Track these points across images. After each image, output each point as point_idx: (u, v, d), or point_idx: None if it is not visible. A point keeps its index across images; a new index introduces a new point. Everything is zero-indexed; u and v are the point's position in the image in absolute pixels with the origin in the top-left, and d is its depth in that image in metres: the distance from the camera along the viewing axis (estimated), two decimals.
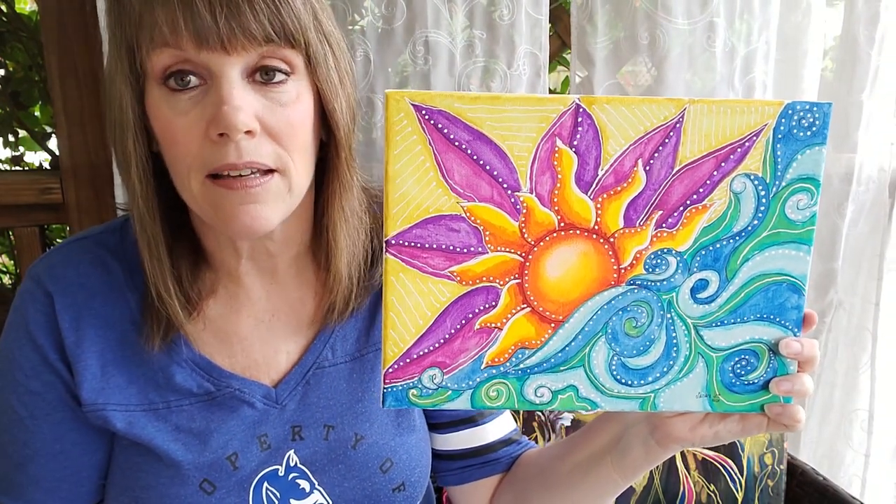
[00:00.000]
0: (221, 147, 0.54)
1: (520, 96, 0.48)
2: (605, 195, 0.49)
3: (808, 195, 0.50)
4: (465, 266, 0.50)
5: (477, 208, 0.49)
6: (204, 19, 0.52)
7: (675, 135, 0.49)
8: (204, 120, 0.55)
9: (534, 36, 1.11)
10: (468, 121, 0.47)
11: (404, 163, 0.48)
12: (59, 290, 0.63)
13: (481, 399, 0.53)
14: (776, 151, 0.49)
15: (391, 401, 0.52)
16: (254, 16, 0.53)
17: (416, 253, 0.50)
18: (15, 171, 1.42)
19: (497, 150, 0.48)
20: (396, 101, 0.47)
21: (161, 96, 0.56)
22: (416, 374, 0.52)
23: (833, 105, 0.50)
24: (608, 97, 0.48)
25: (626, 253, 0.51)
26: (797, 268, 0.51)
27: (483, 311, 0.51)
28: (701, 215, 0.50)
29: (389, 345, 0.51)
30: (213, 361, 0.66)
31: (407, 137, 0.47)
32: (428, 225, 0.49)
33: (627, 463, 0.61)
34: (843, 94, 1.29)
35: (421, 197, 0.48)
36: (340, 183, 0.63)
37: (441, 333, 0.51)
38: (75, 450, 0.66)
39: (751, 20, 1.16)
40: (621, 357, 0.52)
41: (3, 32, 1.30)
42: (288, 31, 0.55)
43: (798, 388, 0.53)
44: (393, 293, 0.50)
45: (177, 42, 0.53)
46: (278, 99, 0.56)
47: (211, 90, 0.55)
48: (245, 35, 0.53)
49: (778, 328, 0.52)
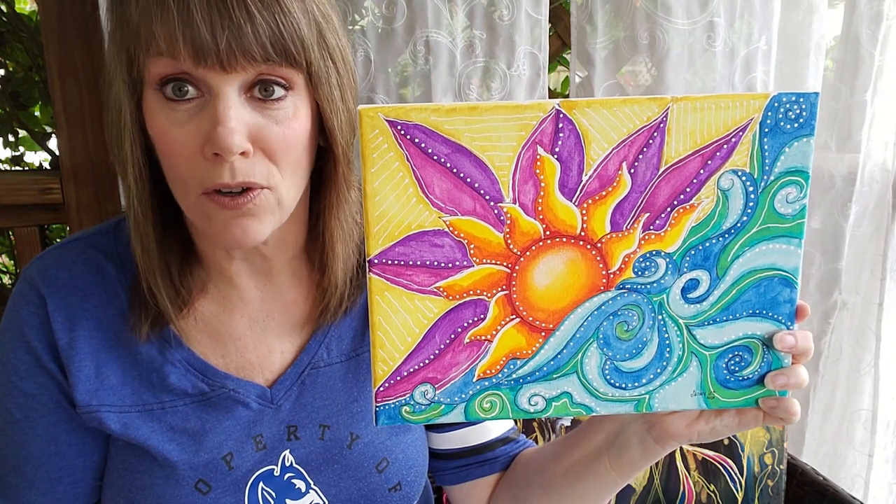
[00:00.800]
0: (217, 166, 0.54)
1: (498, 104, 0.46)
2: (591, 201, 0.48)
3: (798, 188, 0.49)
4: (451, 281, 0.49)
5: (460, 222, 0.48)
6: (203, 38, 0.51)
7: (659, 135, 0.47)
8: (199, 135, 0.54)
9: (534, 36, 1.10)
10: (446, 133, 0.46)
11: (382, 180, 0.46)
12: (53, 292, 0.63)
13: (475, 411, 0.52)
14: (763, 145, 0.48)
15: (384, 419, 0.51)
16: (255, 37, 0.52)
17: (400, 271, 0.48)
18: (15, 171, 1.41)
19: (477, 161, 0.47)
20: (370, 117, 0.45)
21: (157, 104, 0.55)
22: (407, 391, 0.51)
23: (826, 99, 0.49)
24: (588, 100, 0.46)
25: (615, 258, 0.50)
26: (788, 261, 0.51)
27: (472, 324, 0.50)
28: (689, 215, 0.49)
29: (379, 363, 0.50)
30: (207, 361, 0.66)
31: (384, 154, 0.46)
32: (410, 242, 0.48)
33: (625, 461, 0.61)
34: (845, 94, 1.27)
35: (402, 214, 0.47)
36: (337, 195, 0.63)
37: (431, 349, 0.50)
38: (70, 451, 0.66)
39: (751, 20, 1.14)
40: (614, 361, 0.52)
41: (3, 32, 1.29)
42: (289, 51, 0.54)
43: (794, 381, 0.52)
44: (379, 312, 0.49)
45: (174, 54, 0.52)
46: (275, 116, 0.55)
47: (208, 105, 0.54)
48: (245, 55, 0.52)
49: (771, 322, 0.52)
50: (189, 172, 0.55)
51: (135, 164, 0.57)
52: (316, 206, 0.65)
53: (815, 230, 1.35)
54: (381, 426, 0.56)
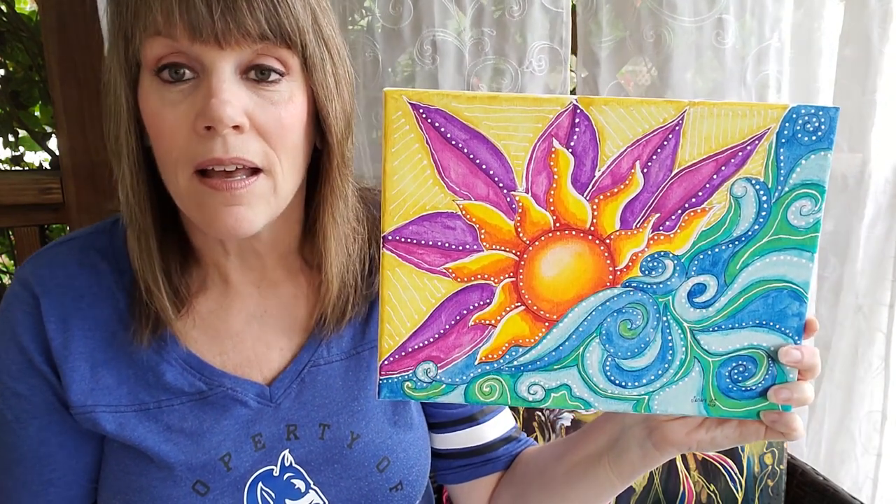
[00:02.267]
0: (208, 141, 0.54)
1: (517, 96, 0.48)
2: (602, 196, 0.49)
3: (812, 201, 0.49)
4: (461, 263, 0.51)
5: (473, 206, 0.50)
6: (199, 11, 0.52)
7: (674, 137, 0.48)
8: (193, 113, 0.54)
9: (553, 30, 1.10)
10: (465, 120, 0.48)
11: (402, 160, 0.49)
12: (46, 293, 0.63)
13: (474, 394, 0.53)
14: (779, 156, 0.49)
15: (386, 392, 0.53)
16: (250, 12, 0.53)
17: (412, 249, 0.50)
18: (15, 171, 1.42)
19: (493, 149, 0.48)
20: (394, 99, 0.48)
21: (152, 87, 0.55)
22: (411, 367, 0.53)
23: (841, 108, 0.49)
24: (606, 98, 0.48)
25: (622, 255, 0.50)
26: (799, 275, 0.51)
27: (477, 307, 0.52)
28: (699, 219, 0.50)
29: (385, 338, 0.52)
30: (204, 359, 0.65)
31: (405, 135, 0.48)
32: (424, 222, 0.50)
33: (624, 465, 0.61)
34: (856, 94, 1.26)
35: (418, 194, 0.49)
36: (332, 190, 0.63)
37: (436, 328, 0.52)
38: (61, 453, 0.66)
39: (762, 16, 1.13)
40: (615, 358, 0.52)
41: (3, 32, 1.30)
42: (284, 30, 0.55)
43: (798, 397, 0.52)
44: (389, 288, 0.51)
45: (170, 32, 0.53)
46: (270, 97, 0.56)
47: (202, 84, 0.55)
48: (240, 30, 0.53)
49: (778, 335, 0.52)
50: (181, 151, 0.55)
51: (129, 153, 0.57)
52: (311, 204, 0.65)
53: (829, 232, 1.35)
54: (383, 399, 0.57)
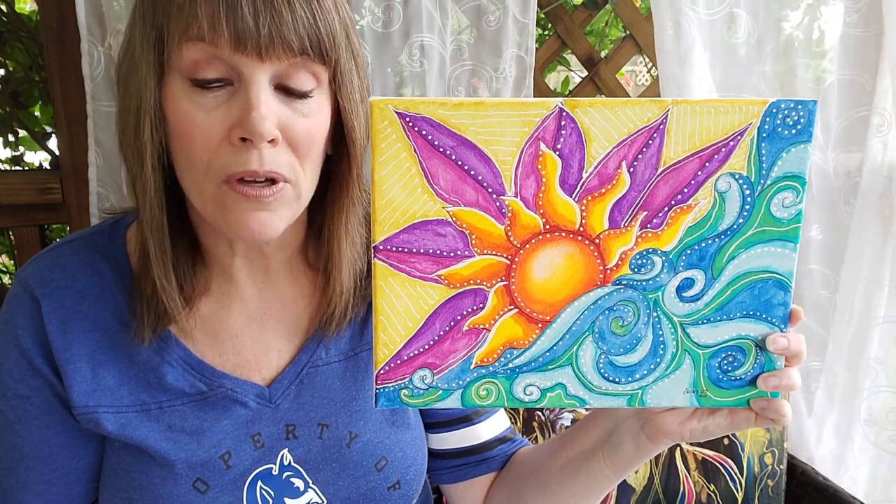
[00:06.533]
0: (243, 153, 0.54)
1: (503, 101, 0.48)
2: (590, 197, 0.50)
3: (794, 193, 0.50)
4: (453, 269, 0.51)
5: (463, 213, 0.50)
6: (246, 23, 0.52)
7: (658, 136, 0.49)
8: (228, 122, 0.54)
9: (521, 39, 1.12)
10: (452, 127, 0.48)
11: (390, 169, 0.48)
12: (47, 294, 0.63)
13: (471, 398, 0.54)
14: (761, 150, 0.50)
15: (383, 401, 0.53)
16: (294, 27, 0.53)
17: (403, 258, 0.50)
18: (15, 171, 1.41)
19: (481, 154, 0.48)
20: (380, 108, 0.47)
21: (183, 90, 0.55)
22: (406, 374, 0.53)
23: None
24: (591, 100, 0.48)
25: (612, 254, 0.51)
26: (783, 265, 0.52)
27: (471, 312, 0.52)
28: (686, 215, 0.51)
29: (380, 347, 0.52)
30: (204, 360, 0.66)
31: (392, 144, 0.48)
32: (415, 230, 0.50)
33: (619, 458, 0.62)
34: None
35: (407, 203, 0.49)
36: (350, 198, 0.64)
37: (430, 335, 0.52)
38: (62, 453, 0.66)
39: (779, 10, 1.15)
40: (608, 355, 0.53)
41: (3, 32, 1.29)
42: (323, 45, 0.55)
43: (786, 383, 0.53)
44: (382, 297, 0.51)
45: (214, 39, 0.53)
46: (301, 110, 0.57)
47: (238, 93, 0.55)
48: (283, 45, 0.53)
49: (764, 324, 0.53)
50: (212, 158, 0.55)
51: (153, 153, 0.57)
52: (320, 209, 0.65)
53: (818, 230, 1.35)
54: (381, 408, 0.57)
